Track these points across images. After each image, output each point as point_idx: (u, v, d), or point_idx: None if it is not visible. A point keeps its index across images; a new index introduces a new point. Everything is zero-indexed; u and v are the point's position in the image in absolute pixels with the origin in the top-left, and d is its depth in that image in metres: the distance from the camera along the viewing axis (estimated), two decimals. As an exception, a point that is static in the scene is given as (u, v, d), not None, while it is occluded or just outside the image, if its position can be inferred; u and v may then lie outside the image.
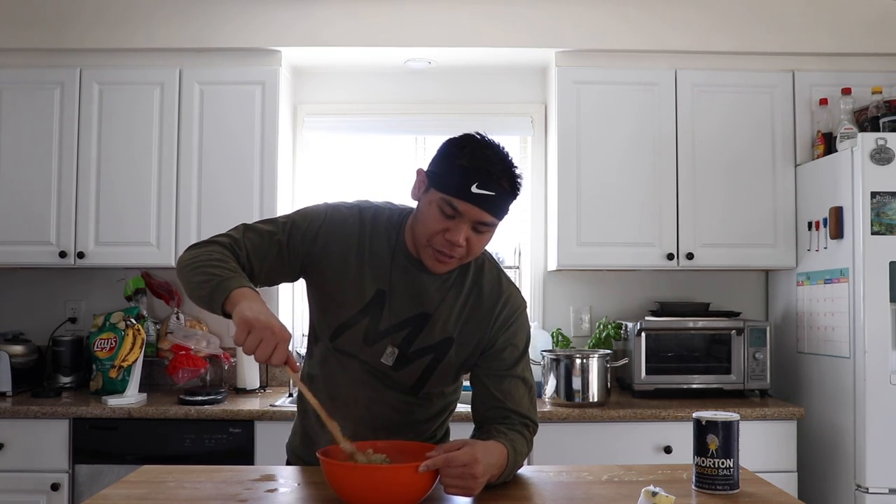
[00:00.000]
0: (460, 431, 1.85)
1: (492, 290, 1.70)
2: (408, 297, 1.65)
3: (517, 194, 1.58)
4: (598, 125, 3.34)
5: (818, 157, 3.23)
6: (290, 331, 1.46)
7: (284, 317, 3.60)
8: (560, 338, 3.46)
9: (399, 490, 1.40)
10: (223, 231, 1.67)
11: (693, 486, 1.57)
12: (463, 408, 1.91)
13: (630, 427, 2.95)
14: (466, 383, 1.77)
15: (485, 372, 1.70)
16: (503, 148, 1.59)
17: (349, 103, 3.72)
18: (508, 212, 1.59)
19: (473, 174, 1.51)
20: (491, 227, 1.58)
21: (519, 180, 1.57)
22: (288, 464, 1.88)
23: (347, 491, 1.41)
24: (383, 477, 1.40)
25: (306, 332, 1.82)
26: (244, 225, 1.67)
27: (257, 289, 1.56)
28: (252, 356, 1.42)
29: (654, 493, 1.38)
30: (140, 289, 3.47)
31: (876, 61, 3.36)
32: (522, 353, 1.72)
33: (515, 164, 1.57)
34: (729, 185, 3.33)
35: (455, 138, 1.60)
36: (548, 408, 3.00)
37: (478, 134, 1.59)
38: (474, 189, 1.51)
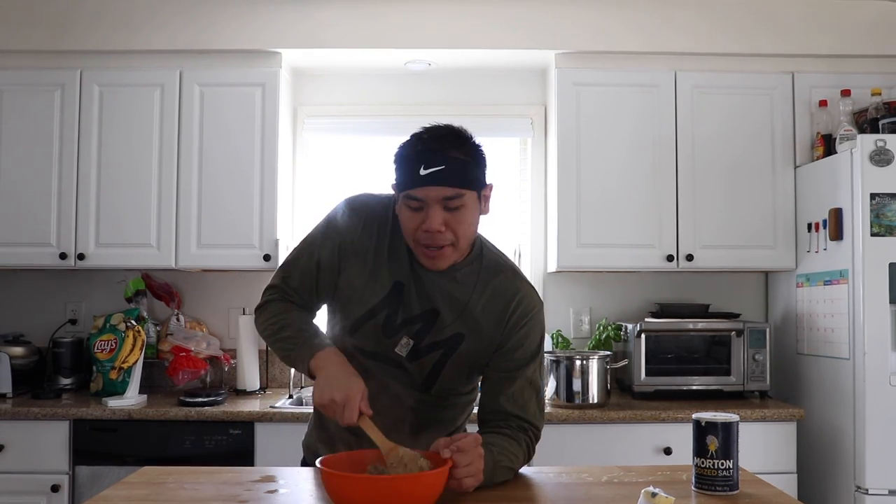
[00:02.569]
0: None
1: (506, 289, 1.69)
2: (420, 293, 1.66)
3: (477, 158, 1.58)
4: (598, 127, 3.34)
5: (818, 158, 3.24)
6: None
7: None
8: (560, 339, 3.47)
9: (402, 500, 1.36)
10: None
11: (693, 488, 1.57)
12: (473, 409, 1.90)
13: (630, 428, 2.95)
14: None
15: (494, 371, 1.70)
16: (445, 125, 1.59)
17: (349, 105, 3.72)
18: (479, 179, 1.59)
19: (417, 159, 1.53)
20: (462, 199, 1.55)
21: (471, 144, 1.58)
22: (304, 462, 1.87)
23: (345, 501, 1.38)
24: (384, 487, 1.38)
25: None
26: (280, 269, 1.78)
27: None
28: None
29: (654, 494, 1.38)
30: (140, 290, 3.47)
31: (875, 63, 3.36)
32: (534, 355, 1.69)
33: (461, 133, 1.58)
34: (729, 187, 3.33)
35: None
36: (548, 409, 3.00)
37: (421, 127, 1.61)
38: (422, 172, 1.52)
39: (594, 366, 3.06)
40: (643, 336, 3.22)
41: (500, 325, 1.67)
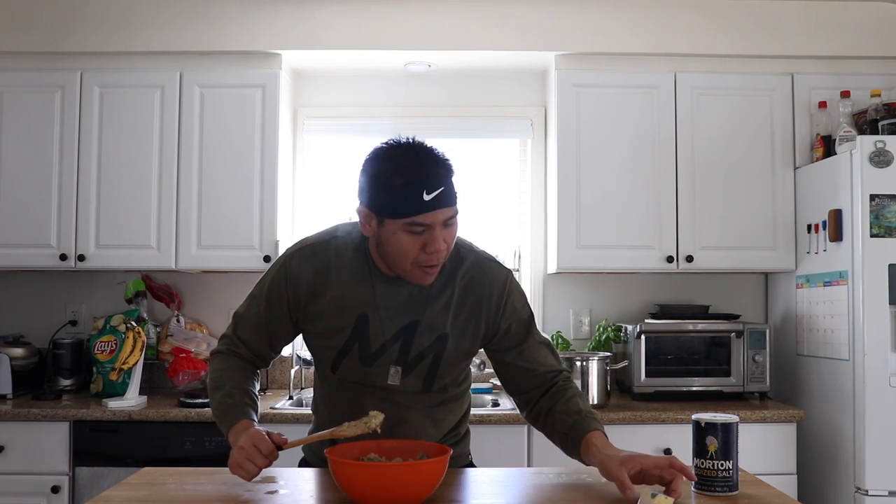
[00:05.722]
0: (473, 433, 1.90)
1: (473, 276, 1.70)
2: (393, 311, 1.67)
3: (454, 171, 1.58)
4: (598, 128, 3.34)
5: (817, 159, 3.24)
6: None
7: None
8: (560, 340, 3.47)
9: (406, 486, 1.40)
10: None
11: (692, 488, 1.57)
12: (475, 411, 1.90)
13: (630, 429, 2.95)
14: (475, 386, 1.77)
15: (504, 352, 1.74)
16: (414, 141, 1.57)
17: (349, 106, 3.72)
18: (458, 191, 1.60)
19: (416, 185, 1.50)
20: (457, 216, 1.59)
21: (448, 159, 1.57)
22: (304, 463, 1.88)
23: (355, 489, 1.41)
24: (392, 474, 1.41)
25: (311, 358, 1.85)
26: (233, 317, 1.78)
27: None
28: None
29: (654, 495, 1.38)
30: (140, 291, 3.47)
31: (875, 64, 3.36)
32: (528, 319, 1.75)
33: (434, 148, 1.57)
34: (728, 188, 3.34)
35: (369, 164, 1.58)
36: (548, 410, 3.00)
37: (384, 144, 1.57)
38: (426, 197, 1.50)
39: (594, 367, 3.06)
40: (643, 337, 3.22)
41: (481, 313, 1.70)
